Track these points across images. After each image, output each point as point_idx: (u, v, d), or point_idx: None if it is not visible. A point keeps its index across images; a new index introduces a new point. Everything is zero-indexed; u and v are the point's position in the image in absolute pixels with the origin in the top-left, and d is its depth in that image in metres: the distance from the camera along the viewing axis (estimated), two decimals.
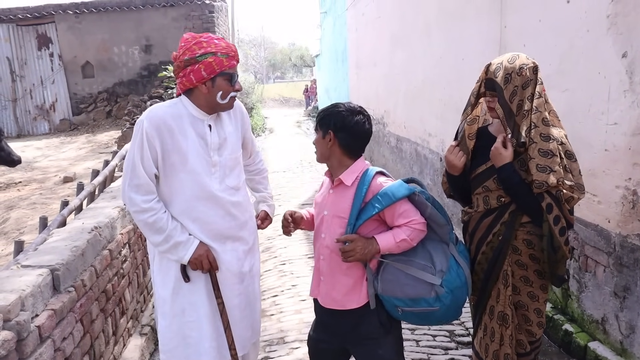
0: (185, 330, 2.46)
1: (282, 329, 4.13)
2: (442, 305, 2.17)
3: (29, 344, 2.21)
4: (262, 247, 6.40)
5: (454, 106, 5.68)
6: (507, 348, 2.38)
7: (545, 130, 2.18)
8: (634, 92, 2.89)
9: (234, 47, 2.42)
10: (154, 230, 2.35)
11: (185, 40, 2.38)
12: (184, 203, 2.41)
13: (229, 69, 2.37)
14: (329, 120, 2.23)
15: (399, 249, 2.18)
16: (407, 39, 7.64)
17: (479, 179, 2.38)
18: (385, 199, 2.14)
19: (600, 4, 3.13)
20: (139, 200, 2.32)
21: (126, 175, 2.36)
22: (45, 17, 12.59)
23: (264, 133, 19.88)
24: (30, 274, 2.47)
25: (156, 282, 2.51)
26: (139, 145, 2.31)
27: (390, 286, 2.19)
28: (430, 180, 6.71)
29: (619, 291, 3.10)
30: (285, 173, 11.22)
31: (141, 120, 2.34)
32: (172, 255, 2.39)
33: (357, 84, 12.29)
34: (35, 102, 13.01)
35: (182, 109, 2.40)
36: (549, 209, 2.17)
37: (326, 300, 2.33)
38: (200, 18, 12.49)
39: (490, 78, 2.28)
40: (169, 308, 2.46)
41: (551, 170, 2.14)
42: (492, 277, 2.38)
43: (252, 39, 54.72)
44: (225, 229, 2.50)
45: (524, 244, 2.32)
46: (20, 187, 7.05)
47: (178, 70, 2.38)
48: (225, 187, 2.48)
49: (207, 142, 2.42)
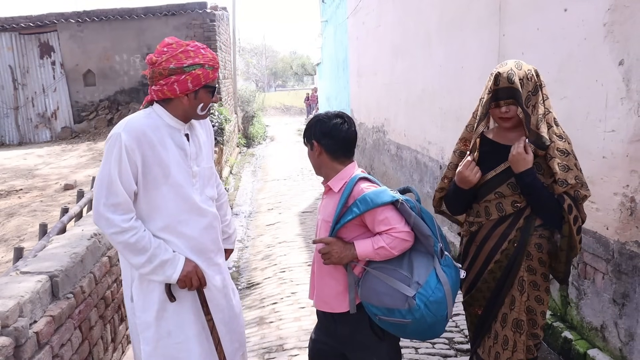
0: (173, 352, 2.33)
1: (281, 336, 4.12)
2: (414, 318, 2.08)
3: (27, 350, 2.21)
4: (262, 255, 6.40)
5: (454, 115, 5.69)
6: (519, 354, 2.37)
7: (557, 130, 2.24)
8: (631, 100, 2.90)
9: (217, 57, 2.34)
10: (137, 251, 2.18)
11: (168, 45, 2.25)
12: (168, 218, 2.27)
13: (212, 82, 2.28)
14: (311, 131, 2.29)
15: (378, 256, 2.16)
16: (407, 47, 7.67)
17: (490, 185, 2.35)
18: (363, 204, 2.14)
19: (597, 12, 3.15)
20: (119, 220, 2.14)
21: (100, 194, 2.16)
22: (47, 25, 12.65)
23: (265, 141, 19.92)
24: (29, 280, 2.48)
25: (137, 307, 2.33)
26: (116, 160, 2.13)
27: (368, 293, 2.18)
28: (430, 188, 6.71)
29: (618, 298, 3.10)
30: (286, 181, 11.24)
31: (117, 134, 2.15)
32: (158, 276, 2.23)
33: (358, 92, 12.32)
34: (37, 110, 13.04)
35: (157, 119, 2.27)
36: (569, 210, 2.20)
37: (318, 302, 2.37)
38: (202, 27, 12.55)
39: (508, 86, 2.21)
40: (153, 332, 2.31)
41: (569, 169, 2.19)
42: (507, 284, 2.36)
43: (253, 47, 54.97)
44: (209, 242, 2.41)
45: (535, 248, 2.33)
46: (21, 194, 7.06)
47: (159, 77, 2.22)
48: (206, 198, 2.41)
49: (186, 152, 2.31)
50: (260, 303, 4.90)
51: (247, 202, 9.62)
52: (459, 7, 5.49)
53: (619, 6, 2.97)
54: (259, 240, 7.14)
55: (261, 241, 7.06)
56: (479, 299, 2.45)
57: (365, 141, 10.88)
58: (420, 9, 6.92)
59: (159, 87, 2.22)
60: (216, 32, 12.86)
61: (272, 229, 7.56)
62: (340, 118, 2.28)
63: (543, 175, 2.24)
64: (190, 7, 12.49)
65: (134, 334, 2.41)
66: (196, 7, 12.51)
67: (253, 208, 9.15)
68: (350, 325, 2.29)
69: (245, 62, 42.94)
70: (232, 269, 6.11)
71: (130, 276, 2.35)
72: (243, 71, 39.62)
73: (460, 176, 2.38)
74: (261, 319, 4.54)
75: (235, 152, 14.91)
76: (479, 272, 2.43)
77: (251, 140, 18.85)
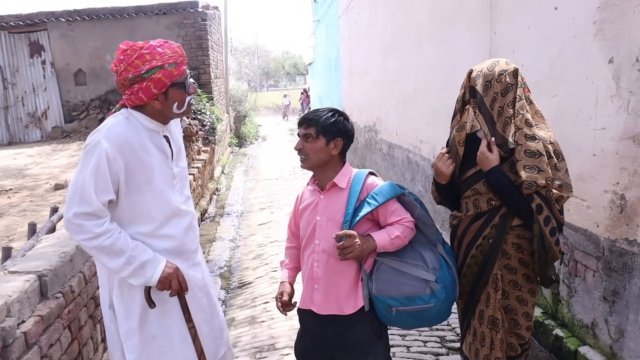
0: (157, 355, 2.28)
1: (272, 335, 4.11)
2: (437, 301, 2.21)
3: (15, 350, 2.19)
4: (254, 255, 6.39)
5: (446, 113, 5.70)
6: (497, 352, 2.38)
7: (529, 131, 2.22)
8: (621, 97, 2.91)
9: (180, 49, 2.21)
10: (113, 254, 2.09)
11: (124, 52, 2.13)
12: (152, 224, 2.22)
13: (180, 78, 2.17)
14: (337, 127, 2.25)
15: (393, 246, 2.21)
16: (399, 46, 7.68)
17: (468, 182, 2.40)
18: (380, 196, 2.20)
19: (587, 10, 3.16)
20: (91, 226, 2.05)
21: (72, 201, 2.06)
22: (37, 24, 12.54)
23: (257, 141, 19.88)
24: (17, 279, 2.45)
25: (119, 315, 2.25)
26: (93, 169, 2.04)
27: (385, 286, 2.21)
28: (422, 187, 6.72)
29: (608, 295, 3.11)
30: (278, 180, 11.23)
31: (97, 141, 2.06)
32: (138, 278, 2.15)
33: (350, 91, 12.33)
34: (27, 109, 12.93)
35: (137, 123, 2.19)
36: (539, 210, 2.19)
37: (323, 307, 2.30)
38: (193, 26, 12.49)
39: (472, 85, 2.32)
40: (137, 339, 2.24)
41: (539, 170, 2.17)
42: (482, 281, 2.38)
43: (245, 47, 54.84)
44: (190, 242, 2.37)
45: (514, 248, 2.33)
46: (10, 194, 7.00)
47: (123, 88, 2.15)
48: (185, 199, 2.37)
49: (166, 154, 2.27)
50: (252, 302, 4.89)
51: (239, 202, 9.60)
52: (450, 5, 5.50)
53: (609, 4, 2.98)
54: (251, 239, 7.12)
55: (253, 240, 7.04)
56: (462, 292, 2.47)
57: (357, 140, 10.88)
58: (411, 8, 6.93)
59: (127, 96, 2.15)
60: (208, 32, 12.82)
61: (263, 228, 7.55)
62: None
63: (515, 174, 2.24)
64: (182, 6, 12.44)
65: (112, 341, 2.33)
66: (188, 6, 12.46)
67: (245, 207, 9.12)
68: (345, 326, 2.27)
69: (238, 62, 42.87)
70: (224, 269, 6.09)
71: (108, 283, 2.27)
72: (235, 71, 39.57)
73: (434, 168, 2.47)
74: (253, 318, 4.52)
75: (227, 151, 14.88)
76: (460, 266, 2.46)
77: (243, 140, 18.81)
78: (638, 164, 2.81)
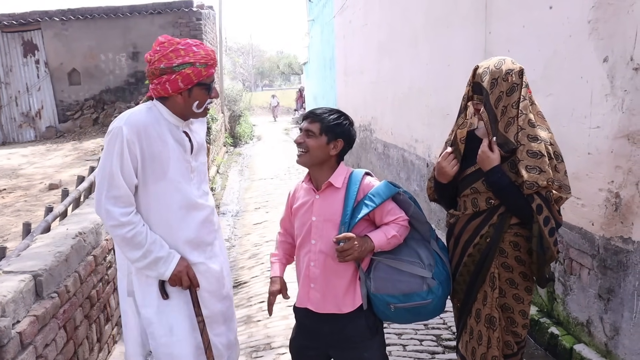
0: (174, 349, 2.37)
1: (268, 334, 4.11)
2: (435, 297, 2.24)
3: (10, 350, 2.18)
4: (249, 254, 6.38)
5: (441, 112, 5.71)
6: (494, 350, 2.39)
7: (532, 132, 2.21)
8: (616, 96, 2.92)
9: (213, 53, 2.32)
10: (133, 246, 2.22)
11: (161, 44, 2.26)
12: (166, 213, 2.31)
13: (207, 79, 2.28)
14: (341, 128, 2.27)
15: (389, 245, 2.23)
16: (394, 46, 7.69)
17: (468, 180, 2.38)
18: (377, 197, 2.21)
19: (581, 9, 3.17)
20: (118, 214, 2.18)
21: (102, 186, 2.19)
22: (31, 23, 12.46)
23: (252, 140, 19.85)
24: (12, 279, 2.44)
25: (138, 302, 2.38)
26: (118, 153, 2.16)
27: (383, 284, 2.23)
28: (417, 186, 6.73)
29: (603, 293, 3.13)
30: (273, 180, 11.22)
31: (119, 127, 2.18)
32: (152, 272, 2.29)
33: (345, 91, 12.32)
34: (20, 109, 12.85)
35: (157, 114, 2.30)
36: (539, 210, 2.19)
37: (321, 306, 2.31)
38: (188, 25, 12.44)
39: (477, 82, 2.30)
40: (157, 328, 2.35)
41: (541, 171, 2.17)
42: (479, 279, 2.38)
43: (240, 47, 54.73)
44: (206, 235, 2.45)
45: (511, 246, 2.33)
46: (4, 194, 6.96)
47: (152, 77, 2.26)
48: (203, 193, 2.44)
49: (185, 147, 2.34)
50: (248, 302, 4.88)
51: (234, 202, 9.58)
52: (445, 5, 5.51)
53: (603, 3, 2.99)
54: (246, 239, 7.11)
55: (248, 240, 7.04)
56: (458, 291, 2.47)
57: None
58: (406, 7, 6.93)
59: (154, 86, 2.26)
60: (202, 31, 12.77)
61: (259, 227, 7.54)
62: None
63: (516, 174, 2.24)
64: (177, 5, 12.39)
65: (129, 329, 2.44)
66: (182, 6, 12.40)
67: (240, 207, 9.11)
68: (341, 323, 2.28)
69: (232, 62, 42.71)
70: None
71: (127, 269, 2.39)
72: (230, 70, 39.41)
73: (438, 167, 2.44)
74: (249, 317, 4.52)
75: (222, 151, 14.84)
76: (456, 265, 2.46)
77: (238, 140, 18.77)
78: (632, 162, 2.83)
